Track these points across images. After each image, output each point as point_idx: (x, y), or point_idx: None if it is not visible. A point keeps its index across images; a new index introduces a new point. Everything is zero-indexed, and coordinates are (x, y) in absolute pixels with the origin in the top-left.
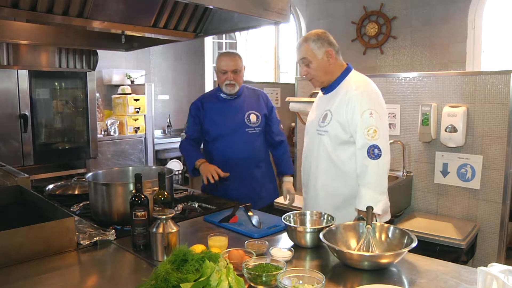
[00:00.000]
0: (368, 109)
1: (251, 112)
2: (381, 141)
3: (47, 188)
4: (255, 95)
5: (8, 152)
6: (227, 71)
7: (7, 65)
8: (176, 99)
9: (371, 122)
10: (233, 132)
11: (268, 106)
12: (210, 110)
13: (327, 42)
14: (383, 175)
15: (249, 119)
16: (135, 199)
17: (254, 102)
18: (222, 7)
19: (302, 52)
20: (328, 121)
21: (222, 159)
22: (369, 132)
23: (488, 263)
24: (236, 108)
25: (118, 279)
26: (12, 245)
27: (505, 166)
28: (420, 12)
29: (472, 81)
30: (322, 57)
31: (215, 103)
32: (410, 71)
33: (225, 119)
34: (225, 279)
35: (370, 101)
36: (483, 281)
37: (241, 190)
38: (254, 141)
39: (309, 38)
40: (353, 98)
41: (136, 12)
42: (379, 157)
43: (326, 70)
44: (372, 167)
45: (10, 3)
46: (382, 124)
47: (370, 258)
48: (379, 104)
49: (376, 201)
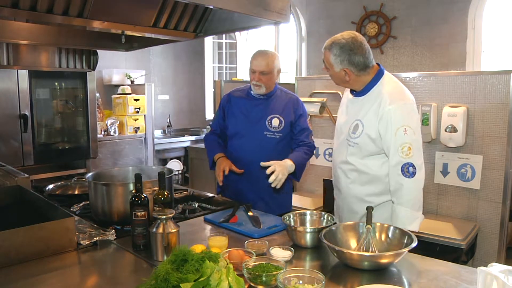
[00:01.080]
0: (402, 126)
1: (275, 116)
2: (415, 157)
3: (47, 188)
4: (286, 99)
5: (8, 152)
6: (256, 71)
7: (7, 65)
8: (176, 99)
9: (405, 139)
10: (250, 132)
11: (297, 113)
12: (235, 105)
13: (347, 60)
14: (419, 192)
15: (271, 123)
16: (135, 199)
17: (283, 106)
18: (222, 7)
19: (324, 55)
20: (359, 133)
21: (234, 158)
22: (403, 150)
23: (488, 263)
24: (261, 109)
25: (118, 279)
26: (12, 245)
27: (505, 166)
28: (420, 12)
29: (472, 81)
30: (340, 71)
31: (242, 99)
32: (410, 71)
33: (246, 118)
34: (225, 279)
35: (403, 117)
36: (483, 281)
37: (248, 195)
38: (272, 146)
39: (333, 47)
40: (386, 114)
41: (136, 12)
42: (414, 175)
43: (343, 81)
44: (408, 185)
45: (10, 3)
46: (416, 139)
47: (370, 258)
48: (413, 119)
49: (413, 219)
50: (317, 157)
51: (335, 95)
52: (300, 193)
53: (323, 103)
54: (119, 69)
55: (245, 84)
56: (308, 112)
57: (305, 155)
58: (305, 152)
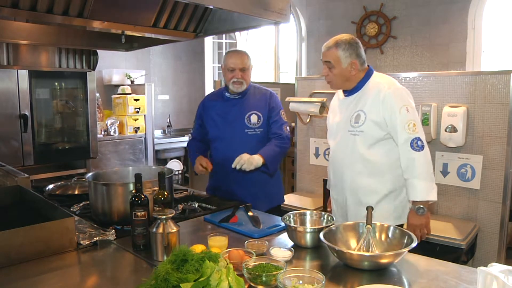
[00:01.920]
0: (403, 105)
1: (253, 112)
2: (421, 133)
3: (47, 188)
4: (260, 94)
5: (8, 152)
6: (235, 68)
7: (7, 65)
8: (176, 99)
9: (410, 117)
10: (231, 133)
11: (270, 105)
12: (211, 110)
13: (355, 53)
14: (430, 164)
15: (250, 120)
16: (135, 199)
17: (257, 102)
18: (222, 7)
19: (328, 55)
20: (363, 121)
21: (220, 160)
22: (409, 126)
23: (488, 263)
24: (238, 108)
25: (118, 279)
26: (12, 245)
27: (505, 166)
28: (420, 12)
29: (472, 81)
30: (347, 67)
31: (217, 102)
32: (410, 71)
33: (224, 120)
34: (225, 279)
35: (403, 98)
36: (483, 281)
37: (240, 192)
38: (254, 142)
39: (340, 44)
40: (387, 97)
41: (136, 12)
42: (423, 148)
43: (347, 78)
44: (420, 158)
45: (10, 3)
46: (417, 117)
47: (370, 258)
48: (410, 99)
49: (430, 189)
50: (317, 157)
51: None
52: (300, 193)
53: (323, 103)
54: (119, 69)
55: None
56: (308, 112)
57: (275, 147)
58: (276, 145)
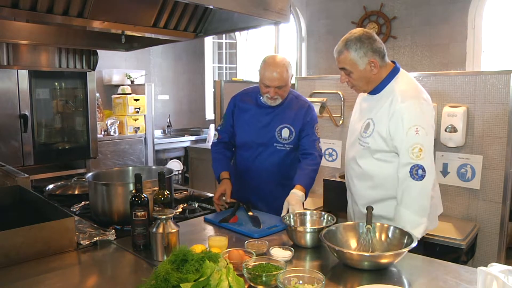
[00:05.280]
0: (414, 125)
1: (285, 126)
2: (426, 160)
3: (47, 188)
4: (297, 106)
5: (8, 152)
6: (270, 86)
7: (7, 65)
8: (176, 99)
9: (417, 140)
10: (259, 144)
11: (305, 120)
12: (244, 113)
13: (370, 49)
14: (426, 197)
15: (280, 134)
16: (135, 199)
17: (293, 114)
18: (222, 7)
19: (342, 60)
20: (370, 132)
21: (244, 168)
22: (414, 151)
23: (488, 263)
24: (271, 118)
25: (118, 279)
26: (12, 245)
27: (505, 166)
28: (420, 12)
29: (472, 81)
30: (365, 67)
31: (251, 105)
32: (410, 71)
33: (255, 128)
34: (225, 279)
35: (416, 116)
36: (483, 281)
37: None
38: (282, 158)
39: (350, 44)
40: (397, 112)
41: (136, 12)
42: (423, 178)
43: (369, 80)
44: (415, 188)
45: (10, 3)
46: (428, 141)
47: (370, 258)
48: (426, 118)
49: (416, 225)
50: None
51: (335, 95)
52: None
53: (323, 103)
54: (119, 69)
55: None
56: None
57: (312, 173)
58: (312, 170)
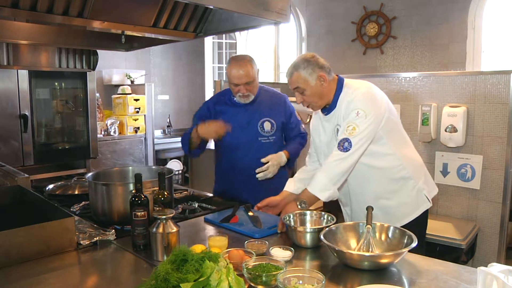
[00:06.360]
0: (357, 108)
1: (266, 119)
2: (355, 138)
3: (47, 188)
4: (272, 99)
5: (8, 152)
6: (239, 84)
7: (7, 65)
8: (176, 99)
9: (355, 120)
10: (245, 141)
11: (287, 112)
12: (222, 115)
13: (317, 66)
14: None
15: (263, 128)
16: (135, 199)
17: (270, 108)
18: (222, 7)
19: (293, 81)
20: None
21: (231, 166)
22: (348, 128)
23: (488, 263)
24: (250, 113)
25: (118, 279)
26: (12, 245)
27: (505, 166)
28: (420, 12)
29: (472, 81)
30: (316, 82)
31: (227, 107)
32: (410, 71)
33: (239, 128)
34: (225, 279)
35: (362, 102)
36: (483, 281)
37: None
38: (267, 150)
39: (298, 65)
40: (351, 102)
41: (136, 12)
42: (347, 151)
43: (322, 94)
44: (336, 157)
45: (10, 3)
46: (365, 123)
47: (370, 258)
48: (370, 105)
49: (325, 188)
50: None
51: None
52: None
53: None
54: (119, 69)
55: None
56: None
57: (299, 146)
58: (300, 143)
